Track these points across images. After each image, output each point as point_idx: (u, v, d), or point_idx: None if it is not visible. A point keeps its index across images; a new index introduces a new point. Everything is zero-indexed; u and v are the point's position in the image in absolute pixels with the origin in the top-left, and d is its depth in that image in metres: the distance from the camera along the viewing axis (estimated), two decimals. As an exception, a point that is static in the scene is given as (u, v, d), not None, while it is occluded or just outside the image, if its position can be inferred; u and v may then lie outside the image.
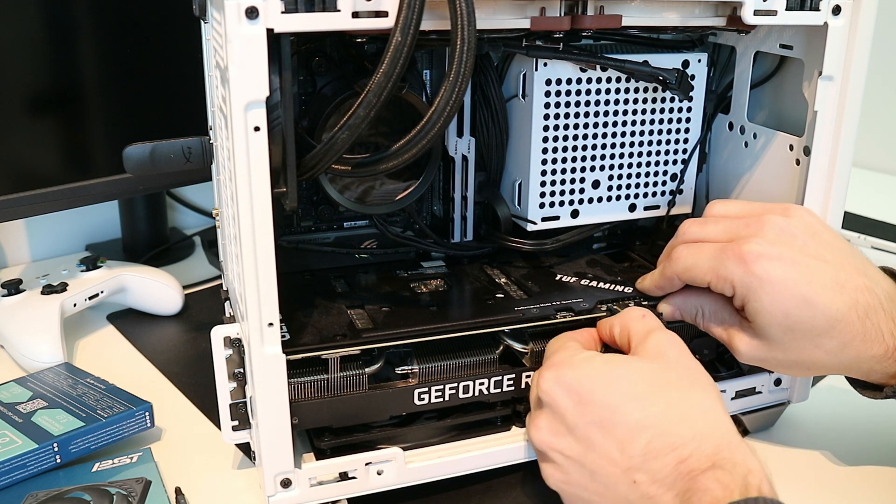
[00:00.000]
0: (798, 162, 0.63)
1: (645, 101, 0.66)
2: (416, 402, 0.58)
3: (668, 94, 0.66)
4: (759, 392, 0.66)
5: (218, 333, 0.54)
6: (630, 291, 0.64)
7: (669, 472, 0.46)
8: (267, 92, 0.46)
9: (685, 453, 0.46)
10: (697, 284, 0.58)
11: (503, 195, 0.69)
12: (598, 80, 0.64)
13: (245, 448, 0.63)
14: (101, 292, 0.82)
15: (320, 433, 0.57)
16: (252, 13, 0.45)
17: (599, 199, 0.68)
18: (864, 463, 0.64)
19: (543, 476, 0.53)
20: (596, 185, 0.67)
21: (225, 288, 0.70)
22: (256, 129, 0.47)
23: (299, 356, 0.54)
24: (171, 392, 0.73)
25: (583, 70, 0.63)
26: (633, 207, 0.69)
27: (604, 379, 0.50)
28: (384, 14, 0.47)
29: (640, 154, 0.68)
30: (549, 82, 0.62)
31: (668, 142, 0.68)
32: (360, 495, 0.57)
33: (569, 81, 0.63)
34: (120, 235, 1.02)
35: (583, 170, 0.66)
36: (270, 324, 0.51)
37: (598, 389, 0.50)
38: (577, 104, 0.64)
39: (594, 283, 0.66)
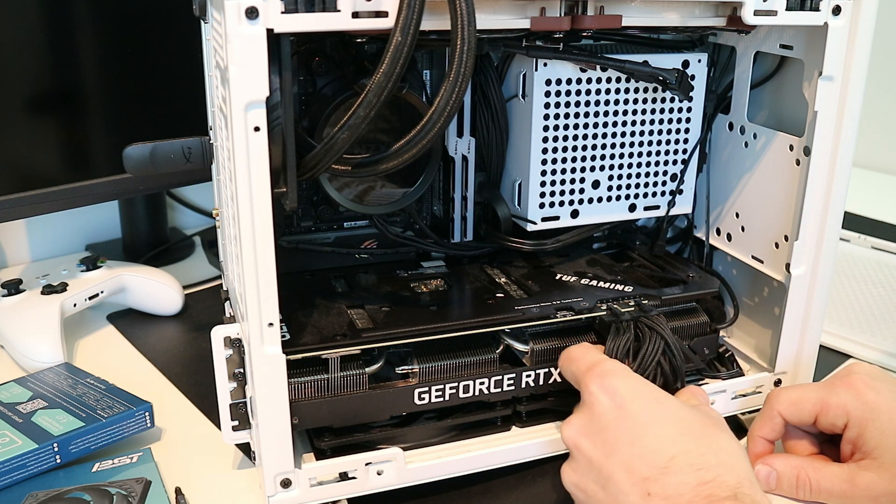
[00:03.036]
0: (798, 162, 0.63)
1: (645, 101, 0.66)
2: (417, 401, 0.58)
3: (668, 94, 0.66)
4: (759, 392, 0.66)
5: (218, 333, 0.54)
6: (630, 290, 0.64)
7: (687, 490, 0.46)
8: (267, 92, 0.46)
9: (708, 477, 0.46)
10: (801, 421, 0.58)
11: (503, 195, 0.69)
12: (598, 80, 0.64)
13: (245, 448, 0.63)
14: (101, 292, 0.82)
15: (320, 433, 0.57)
16: (252, 13, 0.45)
17: (599, 199, 0.68)
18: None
19: (561, 473, 0.53)
20: (596, 185, 0.67)
21: (225, 288, 0.70)
22: (256, 129, 0.47)
23: (299, 356, 0.54)
24: (171, 392, 0.72)
25: (583, 70, 0.63)
26: (633, 207, 0.69)
27: (649, 396, 0.52)
28: (384, 14, 0.47)
29: (639, 154, 0.68)
30: (549, 82, 0.62)
31: (668, 142, 0.68)
32: (360, 495, 0.56)
33: (569, 81, 0.63)
34: (120, 235, 1.02)
35: (583, 170, 0.66)
36: (270, 324, 0.51)
37: (641, 402, 0.51)
38: (577, 104, 0.64)
39: (594, 283, 0.66)
